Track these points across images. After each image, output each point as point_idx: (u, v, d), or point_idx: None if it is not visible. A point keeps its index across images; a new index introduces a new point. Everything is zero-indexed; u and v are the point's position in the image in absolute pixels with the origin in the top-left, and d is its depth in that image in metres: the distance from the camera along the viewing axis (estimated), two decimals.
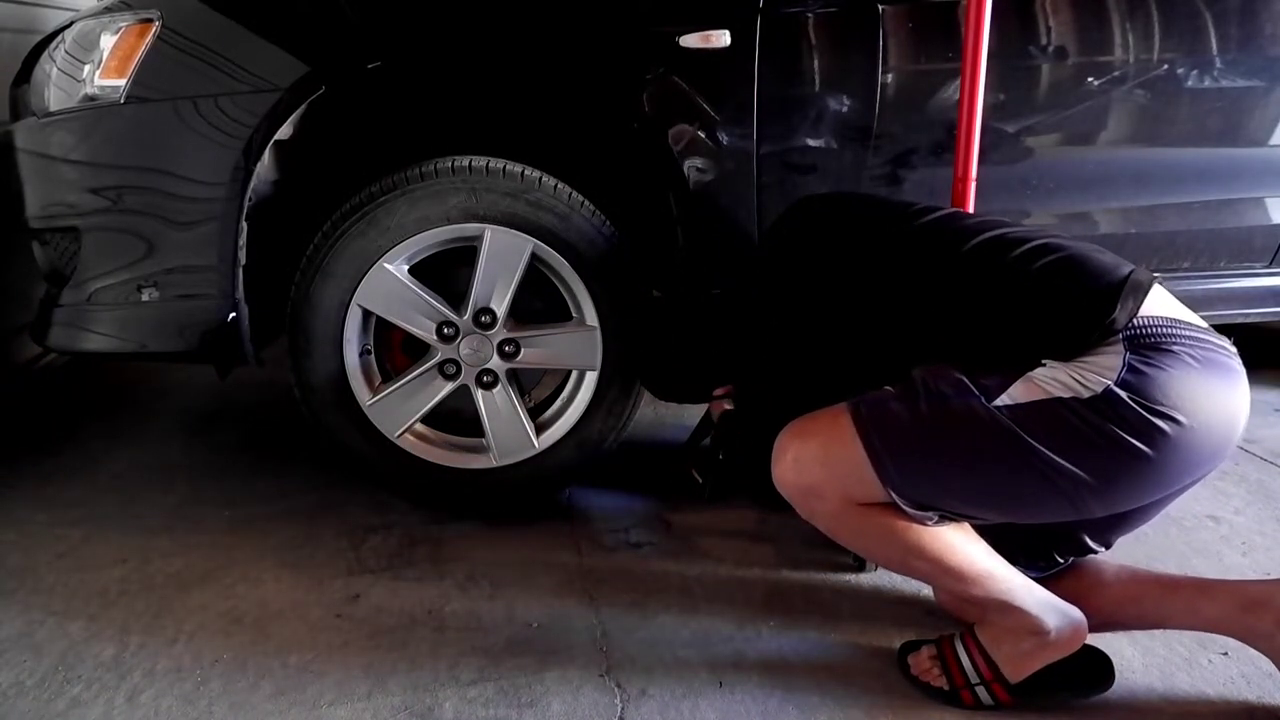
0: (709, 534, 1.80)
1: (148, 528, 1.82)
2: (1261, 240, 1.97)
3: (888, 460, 1.18)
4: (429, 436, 1.82)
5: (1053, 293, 1.18)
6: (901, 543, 1.23)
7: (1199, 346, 1.13)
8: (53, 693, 1.35)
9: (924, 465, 1.19)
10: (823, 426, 1.24)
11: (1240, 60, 1.82)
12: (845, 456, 1.20)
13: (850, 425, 1.20)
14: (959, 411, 1.15)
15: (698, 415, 1.98)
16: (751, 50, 1.63)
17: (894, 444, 1.18)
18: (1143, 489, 1.18)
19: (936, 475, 1.19)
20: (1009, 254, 1.22)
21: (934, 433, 1.17)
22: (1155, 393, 1.09)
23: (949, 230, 1.32)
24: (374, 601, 1.58)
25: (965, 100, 1.52)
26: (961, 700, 1.31)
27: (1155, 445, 1.10)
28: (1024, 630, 1.27)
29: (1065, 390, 1.12)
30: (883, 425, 1.19)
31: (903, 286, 1.29)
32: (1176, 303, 1.20)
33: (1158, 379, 1.10)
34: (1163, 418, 1.09)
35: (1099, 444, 1.11)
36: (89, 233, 1.63)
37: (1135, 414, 1.09)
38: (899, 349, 1.29)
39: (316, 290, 1.67)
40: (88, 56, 1.61)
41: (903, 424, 1.18)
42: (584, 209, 1.69)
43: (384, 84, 1.71)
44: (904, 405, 1.19)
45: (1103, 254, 1.23)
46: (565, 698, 1.34)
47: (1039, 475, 1.14)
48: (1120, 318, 1.12)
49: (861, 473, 1.19)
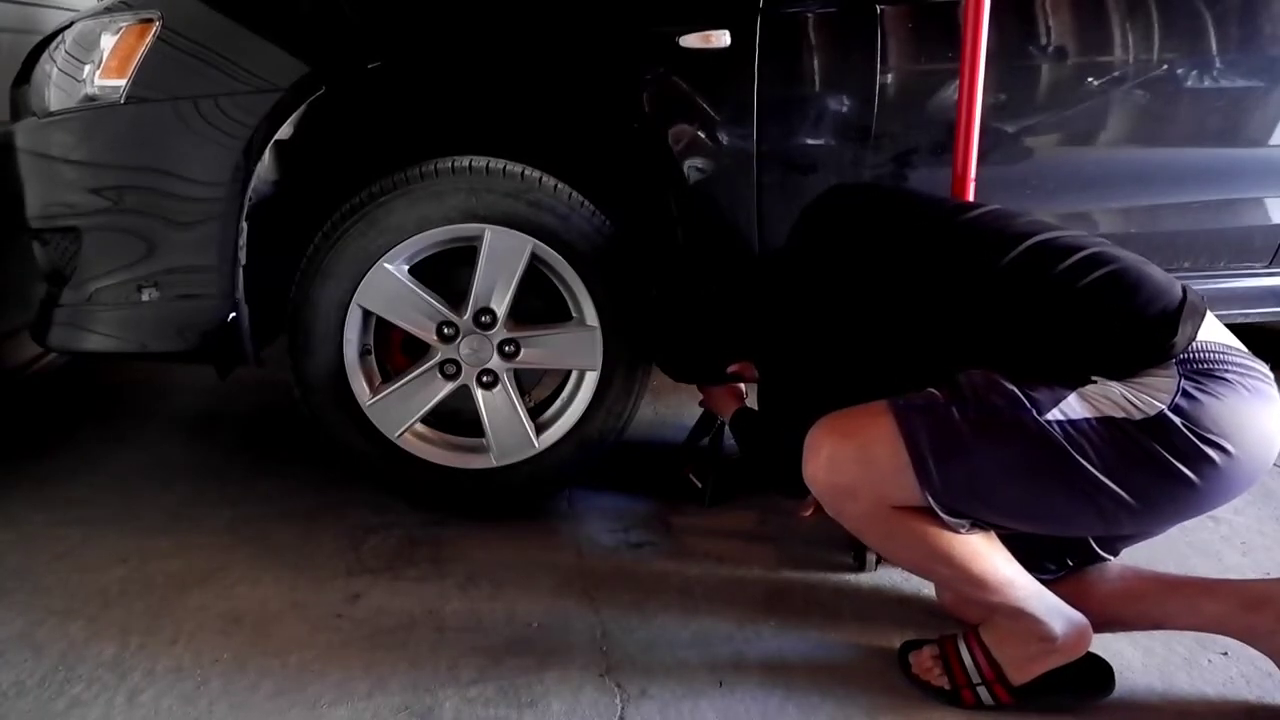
0: (709, 534, 1.80)
1: (147, 528, 1.81)
2: (1261, 240, 1.97)
3: (931, 466, 1.15)
4: (429, 436, 1.82)
5: (1108, 310, 1.16)
6: (930, 548, 1.22)
7: (1249, 375, 1.13)
8: (53, 692, 1.35)
9: (968, 473, 1.16)
10: (862, 426, 1.21)
11: (1240, 60, 1.82)
12: (885, 458, 1.18)
13: (893, 426, 1.17)
14: (1009, 423, 1.13)
15: (697, 415, 1.98)
16: (751, 50, 1.63)
17: (939, 450, 1.16)
18: (1180, 513, 1.18)
19: (979, 485, 1.17)
20: (1057, 265, 1.19)
21: (982, 442, 1.14)
22: (1207, 420, 1.08)
23: (992, 232, 1.28)
24: (374, 601, 1.58)
25: (964, 100, 1.51)
26: (963, 700, 1.31)
27: (1201, 473, 1.10)
28: (1031, 635, 1.27)
29: (1118, 410, 1.10)
30: (929, 430, 1.16)
31: (943, 289, 1.27)
32: (1223, 328, 1.19)
33: (1211, 407, 1.09)
34: (1213, 446, 1.09)
35: (1146, 466, 1.10)
36: (89, 233, 1.63)
37: (1186, 440, 1.08)
38: (935, 350, 1.27)
39: (316, 290, 1.67)
40: (88, 56, 1.61)
41: (950, 430, 1.15)
42: (584, 209, 1.69)
43: (384, 84, 1.71)
44: (952, 411, 1.16)
45: (1152, 268, 1.21)
46: (565, 698, 1.34)
47: (1081, 492, 1.12)
48: (1180, 342, 1.11)
49: (901, 476, 1.17)
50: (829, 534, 1.75)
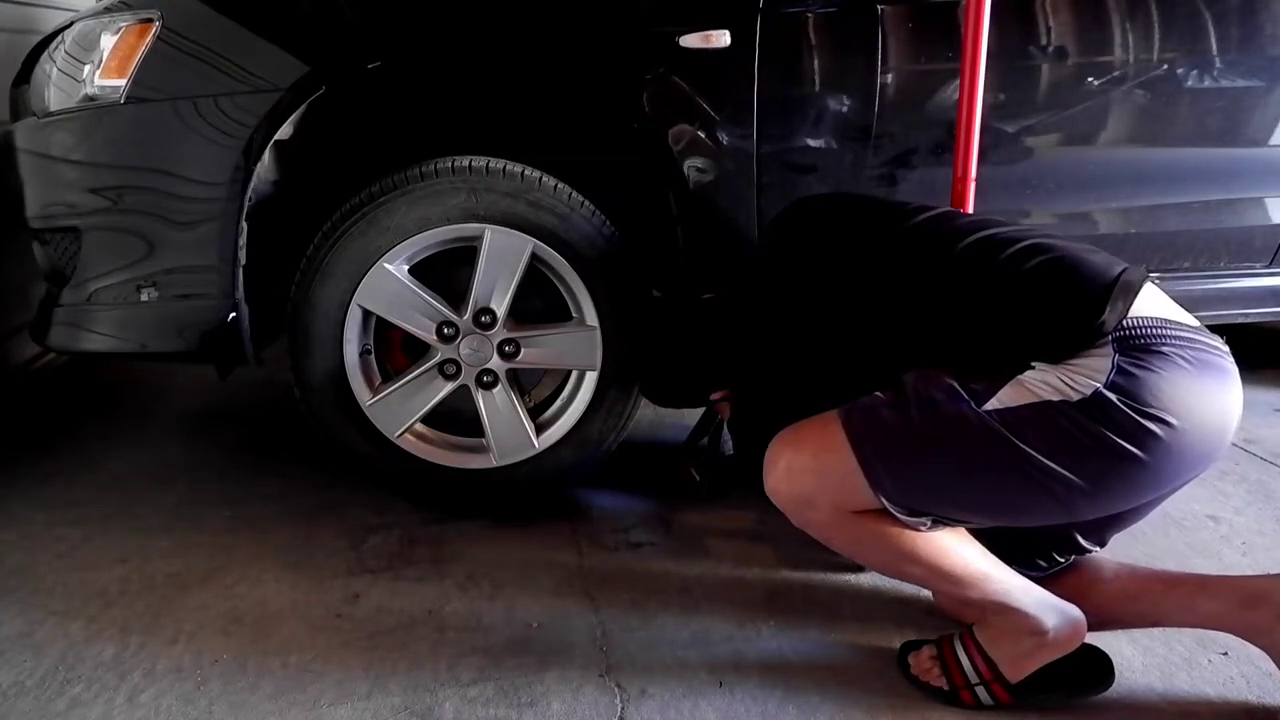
0: (709, 534, 1.80)
1: (148, 528, 1.82)
2: (1261, 240, 1.97)
3: (879, 467, 1.17)
4: (429, 436, 1.82)
5: (1041, 294, 1.17)
6: (895, 549, 1.23)
7: (1190, 347, 1.13)
8: (53, 692, 1.35)
9: (916, 471, 1.18)
10: (814, 435, 1.24)
11: (1240, 60, 1.82)
12: (837, 465, 1.19)
13: (842, 433, 1.19)
14: (950, 417, 1.14)
15: (697, 415, 1.98)
16: (751, 50, 1.64)
17: (885, 451, 1.18)
18: (1135, 491, 1.18)
19: (928, 481, 1.19)
20: (999, 254, 1.21)
21: (925, 439, 1.16)
22: (1145, 395, 1.09)
23: (941, 230, 1.31)
24: (374, 601, 1.58)
25: (964, 100, 1.52)
26: (961, 700, 1.31)
27: (1146, 448, 1.10)
28: (1022, 630, 1.27)
29: (1054, 393, 1.11)
30: (874, 432, 1.18)
31: (895, 287, 1.29)
32: (1169, 301, 1.20)
33: (1148, 381, 1.09)
34: (1154, 420, 1.09)
35: (1090, 447, 1.10)
36: (89, 233, 1.63)
37: (1126, 417, 1.09)
38: (893, 351, 1.28)
39: (316, 290, 1.67)
40: (88, 56, 1.61)
41: (894, 431, 1.17)
42: (584, 209, 1.69)
43: (384, 84, 1.71)
44: (895, 412, 1.18)
45: (1096, 254, 1.22)
46: (565, 698, 1.34)
47: (1030, 479, 1.13)
48: (1110, 320, 1.11)
49: (854, 481, 1.19)
50: None
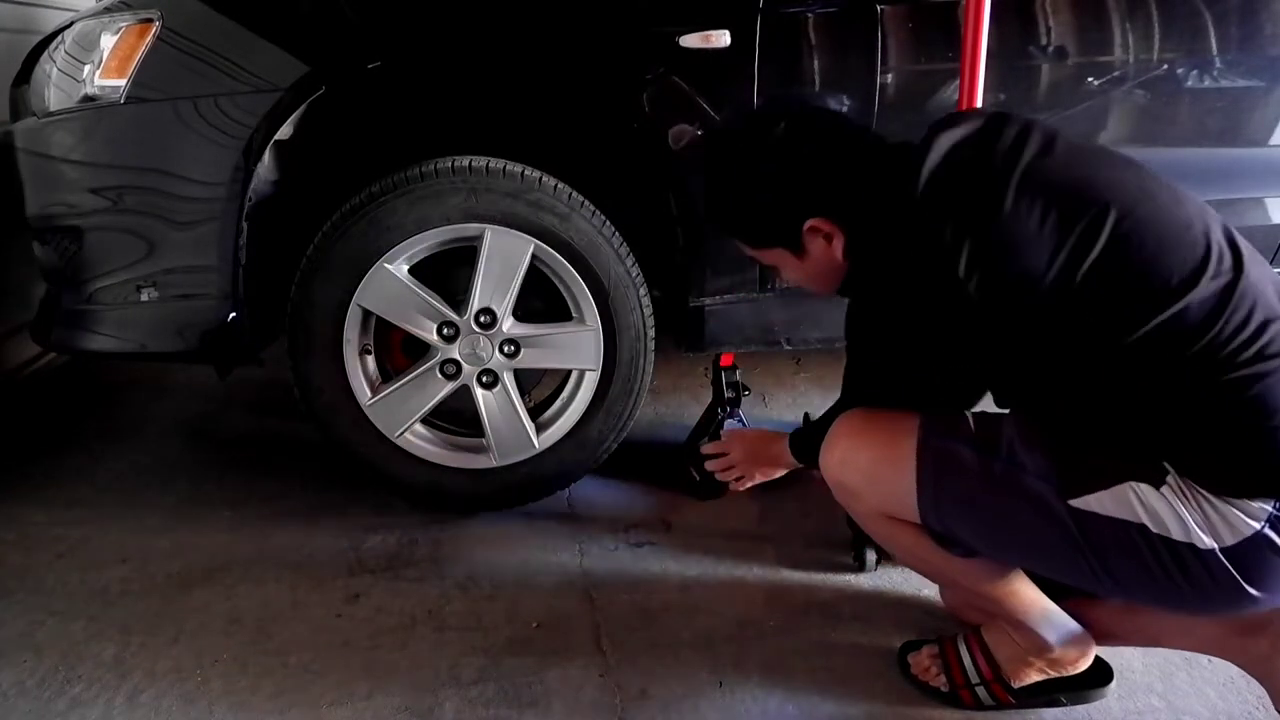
0: (709, 534, 1.80)
1: (148, 528, 1.82)
2: (1261, 240, 1.96)
3: (934, 500, 1.14)
4: (429, 436, 1.82)
5: (1245, 427, 0.99)
6: (926, 559, 1.23)
7: None
8: (54, 692, 1.35)
9: (970, 519, 1.15)
10: (882, 440, 1.19)
11: (1240, 60, 1.82)
12: (892, 479, 1.17)
13: (912, 453, 1.15)
14: (1029, 492, 1.08)
15: (697, 415, 1.98)
16: (751, 50, 1.63)
17: (948, 489, 1.14)
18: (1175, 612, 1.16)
19: (979, 532, 1.15)
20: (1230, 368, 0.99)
21: (994, 497, 1.11)
22: (1263, 574, 1.01)
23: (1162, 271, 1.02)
24: (374, 601, 1.58)
25: (964, 101, 1.51)
26: (961, 700, 1.31)
27: (1219, 608, 1.06)
28: (1032, 648, 1.27)
29: (1158, 523, 1.01)
30: (945, 467, 1.13)
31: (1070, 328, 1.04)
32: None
33: (1274, 564, 1.00)
34: (1249, 597, 1.03)
35: (1163, 584, 1.04)
36: (89, 233, 1.63)
37: (1227, 580, 1.01)
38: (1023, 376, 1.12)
39: (316, 290, 1.67)
40: (88, 56, 1.61)
41: (966, 475, 1.12)
42: (584, 209, 1.69)
43: (384, 84, 1.71)
44: (976, 456, 1.12)
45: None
46: (565, 698, 1.34)
47: (1082, 571, 1.09)
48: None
49: (904, 500, 1.16)
50: (829, 534, 1.75)
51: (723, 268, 1.76)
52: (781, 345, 1.83)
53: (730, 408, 1.92)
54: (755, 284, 1.79)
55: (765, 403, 2.45)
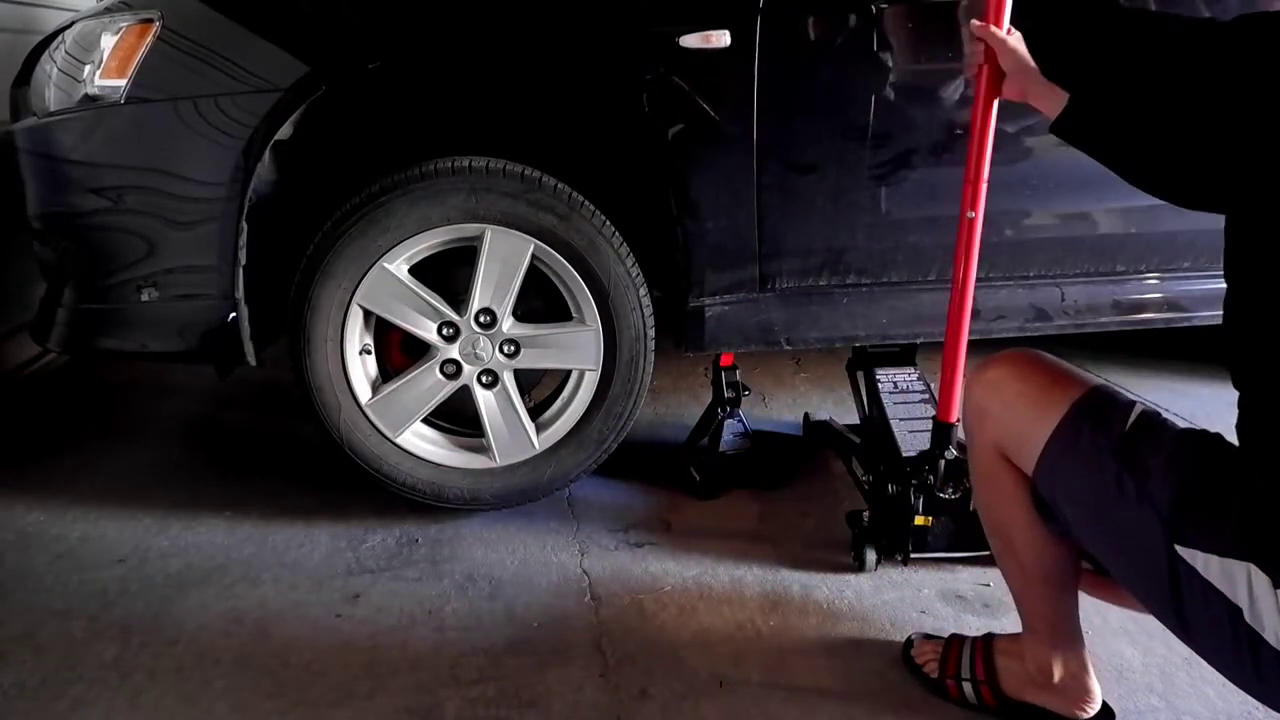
0: (709, 534, 1.80)
1: (147, 528, 1.82)
2: None
3: (1053, 468, 1.11)
4: (429, 436, 1.82)
5: None
6: (1010, 510, 1.20)
7: None
8: (55, 693, 1.35)
9: (1076, 507, 1.11)
10: (1041, 383, 1.15)
11: None
12: (1029, 423, 1.13)
13: (1061, 413, 1.10)
14: (1141, 521, 1.02)
15: (697, 415, 1.98)
16: (751, 50, 1.63)
17: (1070, 472, 1.10)
18: None
19: (1077, 519, 1.11)
20: None
21: (1107, 503, 1.06)
22: None
23: None
24: (374, 601, 1.58)
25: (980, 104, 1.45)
26: (945, 690, 1.32)
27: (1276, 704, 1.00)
28: (1036, 671, 1.26)
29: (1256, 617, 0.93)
30: (1078, 450, 1.09)
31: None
32: None
33: None
34: None
35: (1229, 660, 0.99)
36: (89, 233, 1.63)
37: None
38: None
39: (316, 290, 1.67)
40: (88, 56, 1.61)
41: (1091, 470, 1.07)
42: (584, 209, 1.69)
43: (384, 84, 1.71)
44: (1113, 460, 1.05)
45: None
46: (566, 698, 1.34)
47: (1158, 603, 1.05)
48: None
49: (1028, 445, 1.13)
50: (829, 534, 1.75)
51: (723, 268, 1.77)
52: (781, 345, 1.83)
53: (730, 408, 1.92)
54: (755, 284, 1.79)
55: (765, 403, 2.45)
